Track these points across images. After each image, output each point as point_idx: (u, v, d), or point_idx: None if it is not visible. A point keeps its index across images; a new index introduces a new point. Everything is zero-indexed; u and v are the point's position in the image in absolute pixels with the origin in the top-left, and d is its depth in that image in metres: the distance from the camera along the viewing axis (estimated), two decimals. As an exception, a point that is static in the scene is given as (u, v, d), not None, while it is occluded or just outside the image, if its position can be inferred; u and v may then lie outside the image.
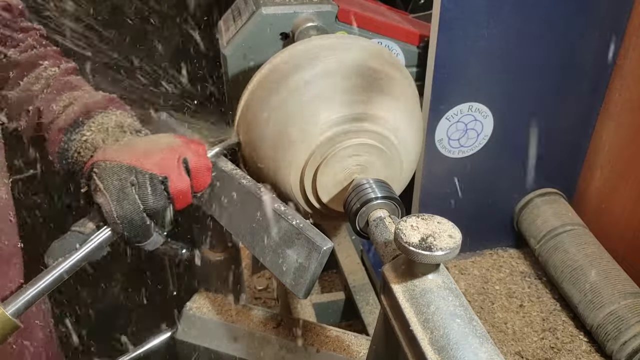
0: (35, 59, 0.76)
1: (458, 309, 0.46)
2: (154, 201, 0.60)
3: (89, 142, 0.66)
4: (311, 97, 0.68)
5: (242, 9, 0.94)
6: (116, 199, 0.58)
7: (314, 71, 0.69)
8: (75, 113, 0.69)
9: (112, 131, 0.67)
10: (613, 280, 0.85)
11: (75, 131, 0.68)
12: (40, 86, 0.74)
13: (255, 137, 0.71)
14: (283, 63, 0.72)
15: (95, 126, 0.68)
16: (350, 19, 0.90)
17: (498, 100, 0.90)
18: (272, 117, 0.69)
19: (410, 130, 0.72)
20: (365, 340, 0.71)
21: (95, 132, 0.67)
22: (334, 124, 0.67)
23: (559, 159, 1.00)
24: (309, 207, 0.72)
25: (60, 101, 0.71)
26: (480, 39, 0.83)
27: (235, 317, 0.74)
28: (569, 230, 0.94)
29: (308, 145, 0.67)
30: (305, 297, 0.58)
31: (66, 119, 0.69)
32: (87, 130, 0.67)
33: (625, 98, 0.90)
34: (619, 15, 0.86)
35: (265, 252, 0.62)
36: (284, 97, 0.69)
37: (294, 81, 0.69)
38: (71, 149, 0.68)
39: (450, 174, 0.96)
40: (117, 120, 0.69)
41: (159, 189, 0.60)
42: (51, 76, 0.75)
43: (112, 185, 0.58)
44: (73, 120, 0.68)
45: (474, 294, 0.97)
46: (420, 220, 0.49)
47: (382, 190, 0.64)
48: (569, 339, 0.87)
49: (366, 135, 0.67)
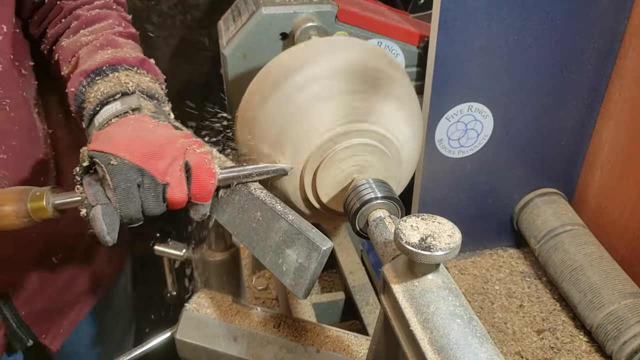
0: (97, 16, 0.81)
1: (458, 309, 0.46)
2: (154, 207, 0.60)
3: (99, 94, 0.68)
4: (311, 97, 0.68)
5: (242, 9, 0.94)
6: (123, 199, 0.58)
7: (314, 71, 0.69)
8: (103, 61, 0.71)
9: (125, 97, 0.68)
10: (613, 280, 0.85)
11: (95, 79, 0.70)
12: (89, 39, 0.77)
13: (254, 137, 0.71)
14: (283, 63, 0.72)
15: (115, 80, 0.69)
16: (350, 19, 0.90)
17: (498, 100, 0.90)
18: (271, 118, 0.69)
19: (410, 130, 0.72)
20: (365, 340, 0.71)
21: (112, 86, 0.68)
22: (333, 125, 0.67)
23: (559, 159, 1.00)
24: (309, 208, 0.72)
25: (98, 54, 0.73)
26: (480, 39, 0.83)
27: (235, 317, 0.74)
28: (569, 230, 0.94)
29: (308, 145, 0.67)
30: (305, 297, 0.58)
31: (91, 64, 0.71)
32: (108, 82, 0.69)
33: (625, 98, 0.90)
34: (619, 15, 0.86)
35: (265, 252, 0.62)
36: (283, 97, 0.69)
37: (293, 82, 0.69)
38: (87, 93, 0.70)
39: (450, 174, 0.96)
40: (139, 83, 0.70)
41: (160, 196, 0.60)
42: (103, 33, 0.78)
43: (120, 186, 0.58)
44: (97, 67, 0.70)
45: (474, 294, 0.97)
46: (420, 220, 0.49)
47: (382, 190, 0.64)
48: (569, 339, 0.87)
49: (366, 135, 0.67)
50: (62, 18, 0.83)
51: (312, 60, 0.70)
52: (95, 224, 0.58)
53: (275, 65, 0.73)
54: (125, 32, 0.81)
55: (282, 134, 0.68)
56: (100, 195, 0.59)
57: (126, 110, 0.66)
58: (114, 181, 0.58)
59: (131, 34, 0.83)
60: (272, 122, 0.69)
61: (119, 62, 0.72)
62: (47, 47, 0.86)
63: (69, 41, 0.79)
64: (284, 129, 0.68)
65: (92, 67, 0.71)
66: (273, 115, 0.69)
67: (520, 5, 0.82)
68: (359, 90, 0.68)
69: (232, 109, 0.94)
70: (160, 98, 0.72)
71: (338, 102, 0.68)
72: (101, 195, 0.59)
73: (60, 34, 0.83)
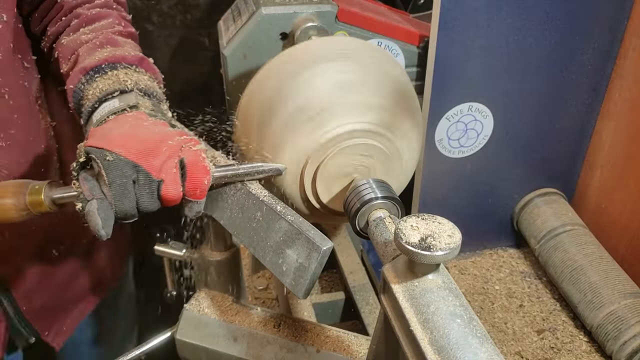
0: (97, 15, 0.82)
1: (458, 309, 0.46)
2: (148, 203, 0.60)
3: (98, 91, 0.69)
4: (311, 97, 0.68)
5: (242, 9, 0.94)
6: (118, 195, 0.59)
7: (314, 71, 0.69)
8: (102, 59, 0.71)
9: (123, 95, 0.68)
10: (613, 280, 0.85)
11: (94, 76, 0.71)
12: (89, 37, 0.77)
13: (254, 137, 0.71)
14: (283, 63, 0.72)
15: (113, 78, 0.70)
16: (350, 19, 0.90)
17: (498, 100, 0.90)
18: (271, 117, 0.69)
19: (410, 130, 0.72)
20: (365, 340, 0.71)
21: (110, 84, 0.69)
22: (334, 125, 0.67)
23: (559, 159, 1.00)
24: (309, 208, 0.72)
25: (97, 52, 0.74)
26: (480, 38, 0.83)
27: (235, 317, 0.74)
28: (569, 230, 0.94)
29: (308, 145, 0.67)
30: (305, 297, 0.58)
31: (90, 61, 0.72)
32: (107, 79, 0.70)
33: (625, 98, 0.90)
34: (619, 15, 0.86)
35: (265, 252, 0.62)
36: (283, 97, 0.69)
37: (293, 81, 0.69)
38: (85, 91, 0.70)
39: (450, 174, 0.97)
40: (138, 81, 0.70)
41: (155, 192, 0.60)
42: (103, 31, 0.78)
43: (116, 181, 0.58)
44: (96, 65, 0.71)
45: (474, 294, 0.97)
46: (420, 220, 0.49)
47: (382, 190, 0.64)
48: (569, 339, 0.87)
49: (366, 135, 0.67)
50: (63, 16, 0.84)
51: (312, 61, 0.70)
52: (90, 218, 0.58)
53: (275, 65, 0.73)
54: (125, 32, 0.81)
55: (282, 134, 0.68)
56: (96, 190, 0.59)
57: (124, 107, 0.66)
58: (109, 177, 0.58)
59: (131, 34, 0.83)
60: (272, 122, 0.69)
61: (118, 60, 0.72)
62: (48, 45, 0.86)
63: (69, 39, 0.80)
64: (284, 129, 0.68)
65: (91, 65, 0.71)
66: (273, 115, 0.69)
67: (520, 5, 0.82)
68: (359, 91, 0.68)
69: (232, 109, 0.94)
70: (158, 96, 0.72)
71: (338, 102, 0.67)
72: (97, 190, 0.59)
73: (60, 32, 0.83)
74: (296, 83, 0.69)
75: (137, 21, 0.89)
